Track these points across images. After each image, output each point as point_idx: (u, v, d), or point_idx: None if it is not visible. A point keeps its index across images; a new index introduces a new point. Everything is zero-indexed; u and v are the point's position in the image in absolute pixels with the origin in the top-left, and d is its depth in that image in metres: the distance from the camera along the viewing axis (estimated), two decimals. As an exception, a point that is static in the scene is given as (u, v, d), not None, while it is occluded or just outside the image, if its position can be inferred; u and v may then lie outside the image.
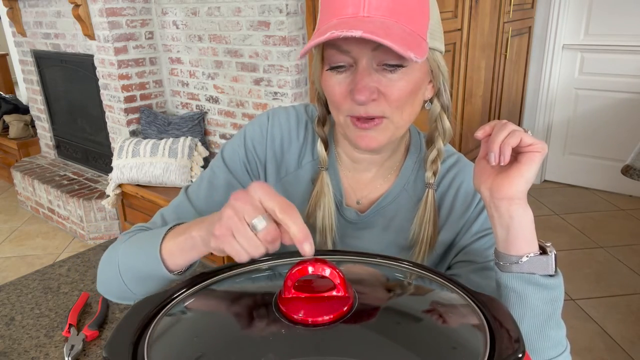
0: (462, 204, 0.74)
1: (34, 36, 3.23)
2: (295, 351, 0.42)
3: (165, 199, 2.48)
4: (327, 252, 0.58)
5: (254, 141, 0.80)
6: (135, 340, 0.44)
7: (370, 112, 0.64)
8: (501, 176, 0.57)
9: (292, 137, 0.80)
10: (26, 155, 3.77)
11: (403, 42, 0.56)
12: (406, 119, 0.67)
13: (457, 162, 0.77)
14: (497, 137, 0.56)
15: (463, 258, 0.73)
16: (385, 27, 0.57)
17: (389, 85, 0.62)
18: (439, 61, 0.67)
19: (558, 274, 0.59)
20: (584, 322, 2.07)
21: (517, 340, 0.42)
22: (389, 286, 0.55)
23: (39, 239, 3.05)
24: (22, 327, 0.93)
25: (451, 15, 2.30)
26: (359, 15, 0.58)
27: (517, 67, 3.17)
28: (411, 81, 0.63)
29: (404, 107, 0.65)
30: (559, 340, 0.60)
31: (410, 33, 0.59)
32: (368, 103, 0.62)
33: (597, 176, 3.33)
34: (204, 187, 0.80)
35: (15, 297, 1.02)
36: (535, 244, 0.58)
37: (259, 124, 0.80)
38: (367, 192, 0.78)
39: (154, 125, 2.76)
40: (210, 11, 2.44)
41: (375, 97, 0.62)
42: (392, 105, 0.64)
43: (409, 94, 0.64)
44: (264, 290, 0.52)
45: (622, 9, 2.97)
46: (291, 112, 0.81)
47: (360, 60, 0.62)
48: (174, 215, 0.79)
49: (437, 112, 0.72)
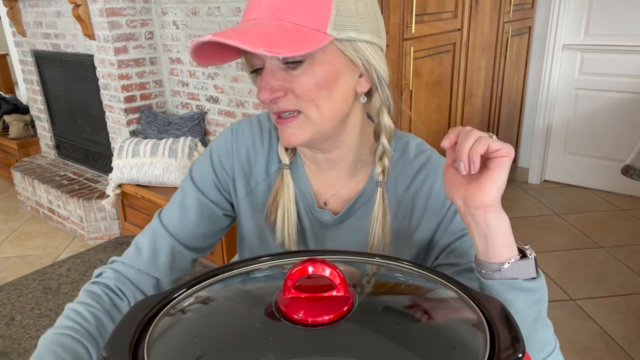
0: (437, 201, 0.74)
1: (34, 36, 3.23)
2: (295, 351, 0.42)
3: (165, 199, 2.48)
4: (327, 252, 0.58)
5: (220, 158, 0.81)
6: (135, 340, 0.44)
7: (281, 107, 0.66)
8: (473, 185, 0.56)
9: (257, 148, 0.81)
10: (26, 155, 3.78)
11: (264, 40, 0.57)
12: (326, 113, 0.67)
13: (428, 161, 0.76)
14: (464, 146, 0.55)
15: (446, 260, 0.73)
16: (256, 26, 0.60)
17: (292, 81, 0.64)
18: (365, 53, 0.66)
19: (539, 275, 0.58)
20: (584, 322, 2.07)
21: (517, 340, 0.42)
22: (389, 286, 0.55)
23: (39, 239, 3.05)
24: (22, 327, 0.93)
25: (451, 15, 2.30)
26: (249, 18, 0.62)
27: (517, 67, 3.17)
28: (315, 75, 0.64)
29: (317, 101, 0.65)
30: (548, 340, 0.60)
31: (295, 29, 0.60)
32: (276, 101, 0.65)
33: (597, 176, 3.33)
34: (177, 210, 0.82)
35: (15, 297, 1.02)
36: (514, 249, 0.57)
37: (224, 140, 0.82)
38: (334, 191, 0.78)
39: (154, 125, 2.76)
40: (210, 11, 2.44)
41: (281, 95, 0.65)
42: (300, 100, 0.65)
43: (316, 87, 0.64)
44: (264, 290, 0.52)
45: (622, 9, 2.97)
46: (254, 122, 0.82)
47: (265, 62, 0.65)
48: (150, 244, 0.81)
49: (378, 106, 0.72)
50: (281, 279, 0.48)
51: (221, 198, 0.83)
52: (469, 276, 0.68)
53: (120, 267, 0.80)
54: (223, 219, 0.85)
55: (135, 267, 0.80)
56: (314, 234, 0.80)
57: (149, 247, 0.80)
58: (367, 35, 0.65)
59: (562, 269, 2.44)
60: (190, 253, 0.83)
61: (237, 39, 0.57)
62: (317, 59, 0.63)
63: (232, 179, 0.82)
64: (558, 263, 2.50)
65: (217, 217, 0.84)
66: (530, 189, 3.42)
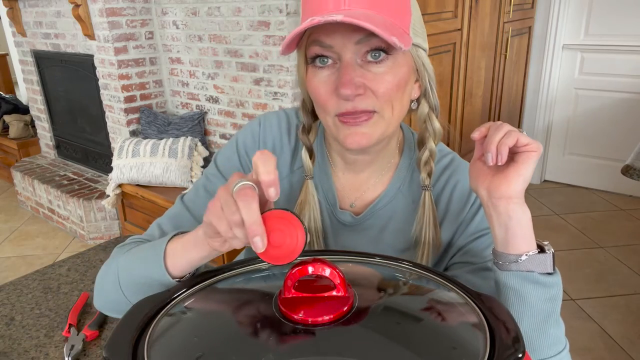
0: (458, 203, 0.74)
1: (34, 36, 3.23)
2: (295, 351, 0.42)
3: (165, 199, 2.48)
4: (327, 252, 0.58)
5: (246, 147, 0.80)
6: (135, 340, 0.44)
7: (358, 107, 0.63)
8: (498, 176, 0.58)
9: (284, 143, 0.79)
10: (26, 155, 3.78)
11: (386, 29, 0.56)
12: (396, 115, 0.66)
13: (451, 162, 0.77)
14: (494, 138, 0.56)
15: (461, 259, 0.73)
16: (367, 15, 0.57)
17: (375, 79, 0.62)
18: (424, 59, 0.67)
19: (556, 272, 0.59)
20: (584, 322, 2.07)
21: (517, 340, 0.42)
22: (389, 286, 0.55)
23: (39, 239, 3.05)
24: (22, 327, 0.93)
25: (451, 15, 2.30)
26: (341, 8, 0.59)
27: (517, 67, 3.17)
28: (397, 75, 0.63)
29: (393, 101, 0.64)
30: (559, 338, 0.60)
31: (392, 24, 0.59)
32: (354, 98, 0.62)
33: (597, 176, 3.33)
34: (201, 194, 0.79)
35: (15, 297, 1.02)
36: (533, 243, 0.58)
37: (251, 130, 0.80)
38: (360, 193, 0.78)
39: (154, 125, 2.76)
40: (210, 11, 2.44)
41: (361, 92, 0.62)
42: (380, 100, 0.63)
43: (396, 87, 0.64)
44: (264, 290, 0.52)
45: (622, 9, 2.97)
46: (282, 117, 0.81)
47: (344, 55, 0.61)
48: (172, 225, 0.77)
49: (426, 112, 0.71)
50: (281, 279, 0.48)
51: None
52: (482, 275, 0.68)
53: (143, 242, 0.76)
54: None
55: None
56: (335, 235, 0.79)
57: (172, 227, 0.77)
58: (424, 42, 0.67)
59: (562, 269, 2.42)
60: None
61: (368, 21, 0.55)
62: (399, 59, 0.63)
63: None
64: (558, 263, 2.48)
65: None
66: (530, 189, 3.42)
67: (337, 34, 0.60)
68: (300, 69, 0.68)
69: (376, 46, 0.61)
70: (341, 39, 0.60)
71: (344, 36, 0.60)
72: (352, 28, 0.59)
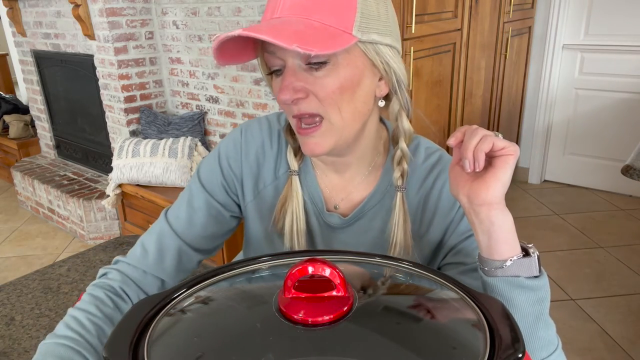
0: (447, 202, 0.74)
1: (34, 36, 3.23)
2: (295, 351, 0.42)
3: (165, 199, 2.48)
4: (327, 252, 0.58)
5: (229, 159, 0.80)
6: (135, 340, 0.44)
7: (302, 110, 0.64)
8: (477, 182, 0.57)
9: (267, 149, 0.79)
10: (26, 155, 3.78)
11: (295, 37, 0.56)
12: (347, 117, 0.66)
13: (439, 160, 0.76)
14: (470, 144, 0.56)
15: (452, 260, 0.73)
16: (285, 24, 0.58)
17: (315, 82, 0.63)
18: (386, 56, 0.65)
19: (542, 274, 0.58)
20: (584, 322, 2.07)
21: (517, 340, 0.42)
22: (389, 286, 0.55)
23: (39, 239, 3.05)
24: (22, 327, 0.93)
25: (451, 15, 2.30)
26: (273, 16, 0.61)
27: (517, 67, 3.17)
28: (339, 77, 0.63)
29: (340, 104, 0.64)
30: (550, 340, 0.60)
31: (322, 28, 0.59)
32: (296, 102, 0.64)
33: (597, 176, 3.33)
34: (184, 210, 0.81)
35: (15, 297, 1.02)
36: (517, 247, 0.57)
37: (233, 140, 0.80)
38: (346, 193, 0.77)
39: (154, 125, 2.76)
40: (210, 11, 2.44)
41: (302, 96, 0.63)
42: (324, 103, 0.64)
43: (340, 90, 0.63)
44: (264, 290, 0.52)
45: (622, 9, 2.97)
46: (263, 123, 0.81)
47: (287, 61, 0.63)
48: (157, 244, 0.79)
49: (396, 110, 0.71)
50: (281, 279, 0.48)
51: (229, 200, 0.82)
52: (474, 276, 0.68)
53: (126, 268, 0.78)
54: (230, 220, 0.84)
55: (141, 269, 0.78)
56: (323, 237, 0.79)
57: (155, 248, 0.79)
58: (388, 38, 0.65)
59: (562, 269, 2.44)
60: (197, 254, 0.82)
61: (270, 34, 0.56)
62: (341, 61, 0.63)
63: (240, 181, 0.81)
64: (558, 263, 2.49)
65: (225, 219, 0.83)
66: (530, 189, 3.42)
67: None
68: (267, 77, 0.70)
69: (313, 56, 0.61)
70: (280, 47, 0.60)
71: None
72: None
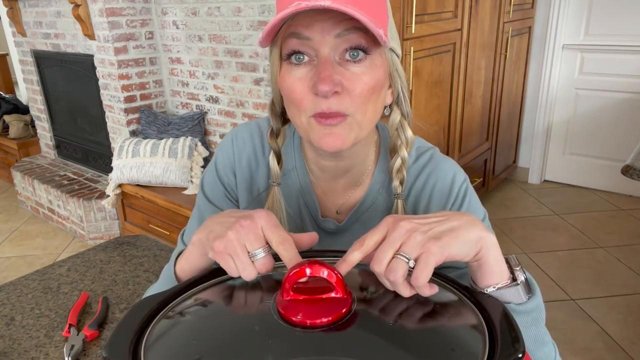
0: (439, 203, 0.72)
1: (34, 36, 3.23)
2: (294, 354, 0.42)
3: (165, 199, 2.48)
4: (327, 252, 0.58)
5: (225, 168, 0.79)
6: (135, 341, 0.44)
7: (332, 108, 0.59)
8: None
9: (258, 156, 0.78)
10: (26, 155, 3.78)
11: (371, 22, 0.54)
12: (369, 119, 0.64)
13: (431, 159, 0.75)
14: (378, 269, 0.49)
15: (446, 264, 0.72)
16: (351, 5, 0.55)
17: (353, 79, 0.59)
18: (397, 65, 0.65)
19: (535, 294, 0.55)
20: (584, 322, 2.07)
21: (516, 340, 0.42)
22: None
23: (39, 239, 3.05)
24: (22, 327, 0.93)
25: (451, 15, 2.30)
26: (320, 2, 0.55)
27: (517, 67, 3.17)
28: (374, 77, 0.61)
29: (367, 105, 0.62)
30: (547, 355, 0.59)
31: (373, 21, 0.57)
32: (331, 96, 0.59)
33: (597, 176, 3.33)
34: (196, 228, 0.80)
35: (15, 297, 1.03)
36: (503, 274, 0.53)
37: (225, 149, 0.80)
38: (343, 199, 0.77)
39: (154, 125, 2.76)
40: (210, 11, 2.44)
41: (338, 90, 0.58)
42: (355, 102, 0.60)
43: (372, 90, 0.61)
44: (262, 293, 0.52)
45: (622, 9, 2.97)
46: (254, 129, 0.80)
47: (322, 50, 0.58)
48: None
49: (398, 120, 0.70)
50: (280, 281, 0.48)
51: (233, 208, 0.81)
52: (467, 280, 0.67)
53: None
54: None
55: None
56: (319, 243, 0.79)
57: None
58: (399, 49, 0.66)
59: (562, 269, 2.44)
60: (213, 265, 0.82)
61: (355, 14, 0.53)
62: (376, 61, 0.61)
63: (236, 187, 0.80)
64: (558, 263, 2.49)
65: None
66: (530, 189, 3.42)
67: (316, 26, 0.57)
68: (274, 67, 0.64)
69: (356, 44, 0.58)
70: (320, 31, 0.57)
71: (323, 28, 0.57)
72: (332, 21, 0.57)
